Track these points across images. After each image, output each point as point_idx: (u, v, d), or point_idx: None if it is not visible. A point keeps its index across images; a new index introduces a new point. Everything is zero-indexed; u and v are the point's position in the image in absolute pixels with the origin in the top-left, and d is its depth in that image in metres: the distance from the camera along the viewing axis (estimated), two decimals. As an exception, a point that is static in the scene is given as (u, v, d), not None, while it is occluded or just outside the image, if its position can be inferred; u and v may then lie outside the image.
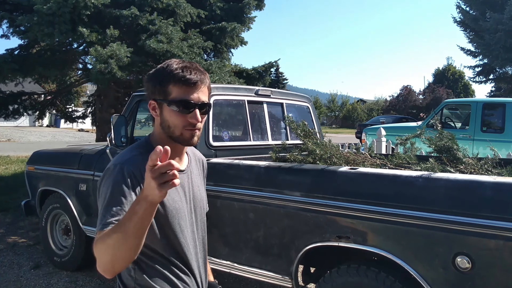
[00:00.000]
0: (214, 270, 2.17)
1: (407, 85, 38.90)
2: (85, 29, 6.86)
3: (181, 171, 1.37)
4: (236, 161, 2.93)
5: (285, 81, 40.76)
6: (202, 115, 1.32)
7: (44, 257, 4.54)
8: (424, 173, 2.21)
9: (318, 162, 2.85)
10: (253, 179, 2.73)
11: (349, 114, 47.72)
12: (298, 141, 3.40)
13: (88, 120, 11.83)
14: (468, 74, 33.83)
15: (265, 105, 3.78)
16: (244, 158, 3.23)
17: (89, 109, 11.38)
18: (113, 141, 3.30)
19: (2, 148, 15.22)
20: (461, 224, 1.95)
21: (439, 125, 3.24)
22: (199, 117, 1.30)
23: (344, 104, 51.67)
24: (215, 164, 2.91)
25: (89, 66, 8.76)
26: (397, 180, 2.24)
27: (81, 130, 27.13)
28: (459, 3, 19.42)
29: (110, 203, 1.19)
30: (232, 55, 10.25)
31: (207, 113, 1.35)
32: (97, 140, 9.26)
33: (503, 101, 8.21)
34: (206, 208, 1.60)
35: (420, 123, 9.54)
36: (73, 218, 4.08)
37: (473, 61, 31.19)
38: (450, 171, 2.59)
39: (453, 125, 8.97)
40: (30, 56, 8.02)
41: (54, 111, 11.59)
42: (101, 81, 7.09)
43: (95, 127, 11.25)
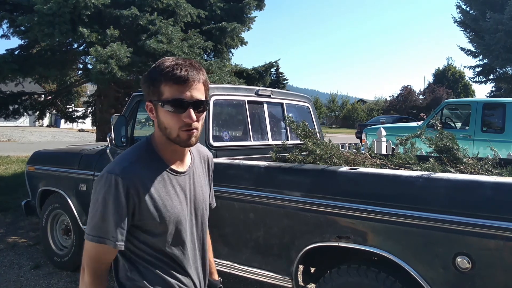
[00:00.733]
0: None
1: (407, 85, 38.95)
2: (85, 29, 6.86)
3: (181, 173, 1.36)
4: (236, 161, 2.92)
5: (285, 81, 40.78)
6: (198, 113, 1.26)
7: (44, 257, 4.54)
8: (424, 173, 2.21)
9: (318, 162, 2.85)
10: (253, 179, 2.73)
11: (349, 114, 47.75)
12: (298, 141, 3.40)
13: (88, 120, 11.82)
14: (468, 74, 33.92)
15: (265, 105, 3.78)
16: (244, 158, 3.23)
17: (89, 109, 11.37)
18: (113, 141, 3.30)
19: (2, 148, 15.23)
20: (461, 224, 1.95)
21: (439, 125, 3.24)
22: (194, 116, 1.24)
23: (344, 104, 51.71)
24: (215, 164, 2.90)
25: (89, 66, 8.76)
26: (397, 180, 2.23)
27: (81, 130, 27.14)
28: (459, 3, 19.43)
29: (97, 220, 1.23)
30: (232, 55, 10.26)
31: (204, 111, 1.29)
32: (97, 140, 9.25)
33: (503, 101, 8.21)
34: (213, 204, 1.61)
35: (420, 123, 9.54)
36: (73, 218, 4.08)
37: (473, 61, 31.21)
38: (450, 171, 2.59)
39: (453, 125, 8.97)
40: (30, 56, 8.01)
41: (54, 111, 11.59)
42: (101, 81, 7.09)
43: (95, 127, 11.24)
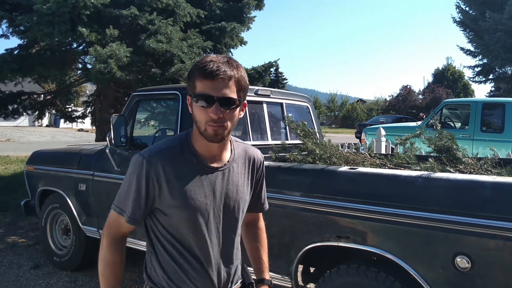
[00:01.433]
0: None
1: (407, 85, 38.95)
2: (84, 29, 6.86)
3: (213, 168, 1.36)
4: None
5: (285, 81, 40.82)
6: (227, 110, 1.26)
7: (44, 257, 4.54)
8: (424, 173, 2.21)
9: (317, 162, 2.85)
10: (252, 179, 2.72)
11: (348, 114, 47.79)
12: (298, 141, 3.40)
13: (88, 120, 11.81)
14: (468, 74, 33.89)
15: (264, 105, 3.77)
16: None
17: (88, 109, 11.36)
18: (113, 141, 3.31)
19: (1, 148, 15.22)
20: (461, 224, 1.95)
21: (439, 125, 3.24)
22: (218, 112, 1.24)
23: (343, 104, 51.76)
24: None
25: (89, 66, 8.75)
26: (397, 180, 2.24)
27: (81, 130, 27.14)
28: (458, 3, 19.42)
29: (122, 193, 1.36)
30: (232, 55, 10.24)
31: (235, 109, 1.29)
32: (97, 140, 9.24)
33: (502, 101, 8.21)
34: (265, 207, 1.61)
35: (419, 123, 9.54)
36: (72, 218, 4.08)
37: (473, 61, 31.21)
38: (450, 171, 2.59)
39: (452, 125, 8.97)
40: (30, 56, 8.00)
41: (54, 111, 11.56)
42: (100, 81, 7.09)
43: (94, 127, 11.23)
